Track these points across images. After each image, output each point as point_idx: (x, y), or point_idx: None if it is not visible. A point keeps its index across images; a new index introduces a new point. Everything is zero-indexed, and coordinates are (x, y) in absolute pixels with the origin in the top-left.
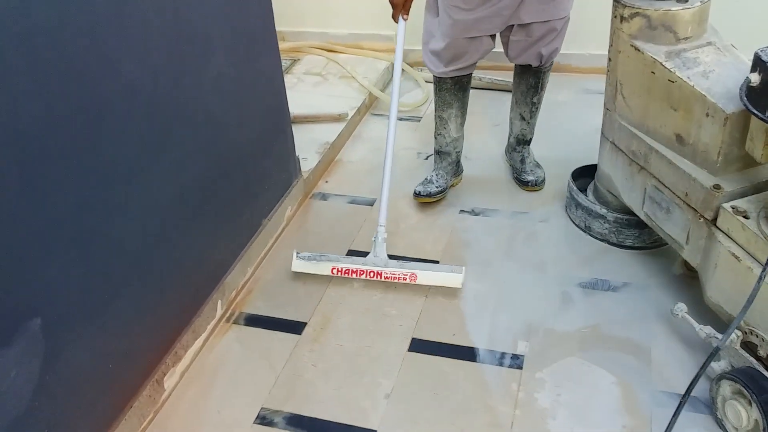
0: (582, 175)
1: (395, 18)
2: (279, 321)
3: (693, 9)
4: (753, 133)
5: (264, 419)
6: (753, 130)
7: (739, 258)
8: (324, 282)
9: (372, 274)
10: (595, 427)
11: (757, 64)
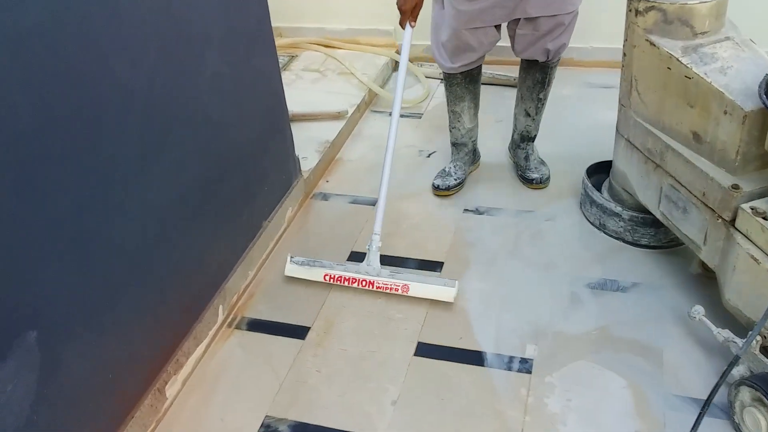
0: (597, 171)
1: (402, 25)
2: (282, 325)
3: (710, 3)
4: None
5: (268, 427)
6: None
7: (758, 260)
8: (327, 285)
9: (364, 283)
10: None
11: None
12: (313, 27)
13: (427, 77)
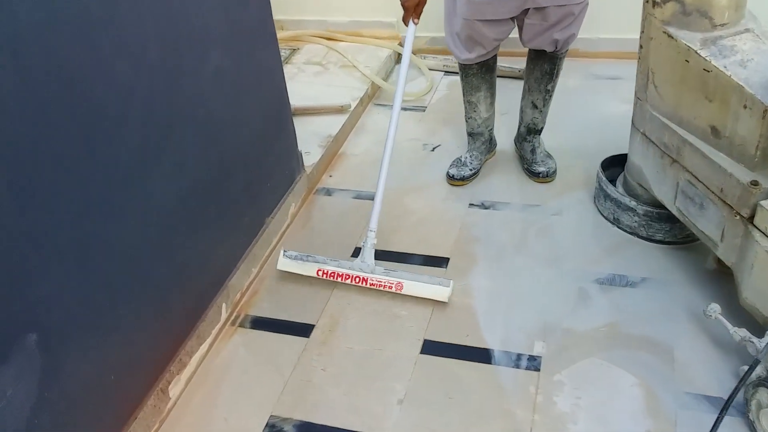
0: (611, 164)
1: (405, 22)
2: (286, 323)
3: None
4: None
5: (273, 427)
6: None
7: None
8: (331, 281)
9: (357, 280)
10: None
11: None
12: (314, 19)
13: (430, 69)
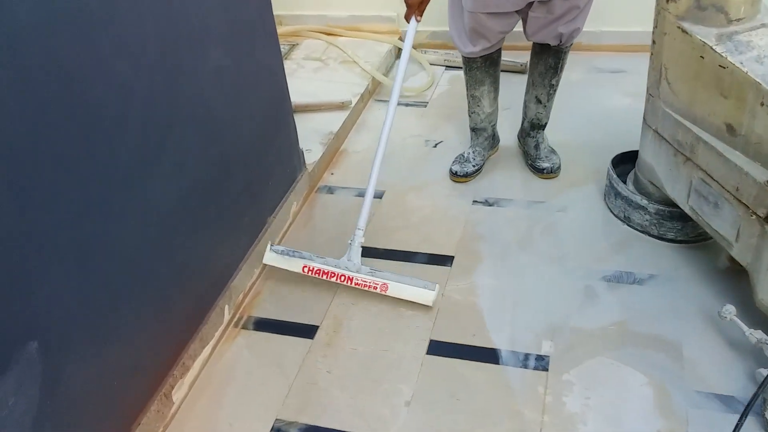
0: (622, 161)
1: (407, 19)
2: (289, 325)
3: None
4: None
5: None
6: None
7: None
8: (334, 281)
9: (343, 278)
10: None
11: None
12: (313, 14)
13: (431, 64)
